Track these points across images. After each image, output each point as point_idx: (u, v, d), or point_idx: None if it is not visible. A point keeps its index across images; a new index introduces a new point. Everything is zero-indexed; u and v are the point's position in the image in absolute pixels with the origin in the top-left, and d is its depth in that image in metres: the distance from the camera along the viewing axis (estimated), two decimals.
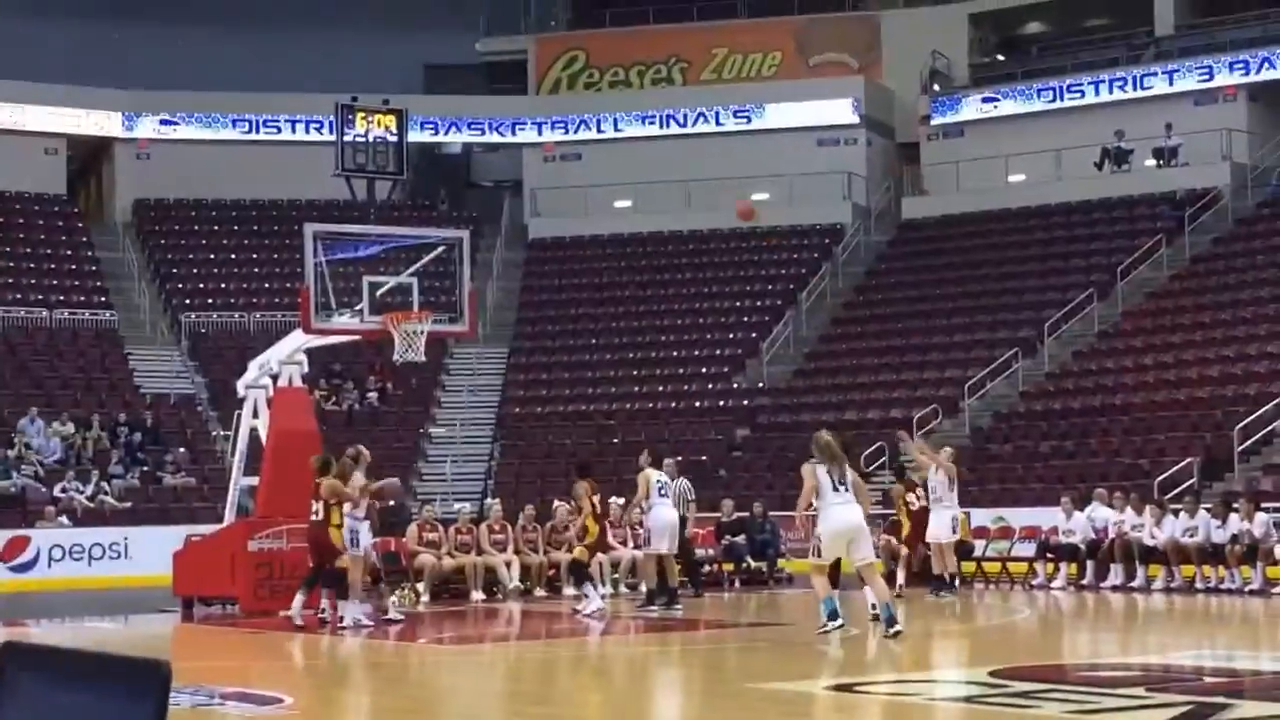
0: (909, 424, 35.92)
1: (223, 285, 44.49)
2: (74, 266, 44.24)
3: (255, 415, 23.70)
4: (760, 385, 41.28)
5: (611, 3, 51.94)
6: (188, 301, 43.43)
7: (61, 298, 42.04)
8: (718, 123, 47.97)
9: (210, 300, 43.72)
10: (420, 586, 23.68)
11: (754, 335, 42.95)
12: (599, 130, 48.77)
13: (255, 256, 45.71)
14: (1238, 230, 40.58)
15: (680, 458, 27.44)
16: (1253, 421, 30.97)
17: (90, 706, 2.43)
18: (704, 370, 42.01)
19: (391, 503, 23.48)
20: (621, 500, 27.10)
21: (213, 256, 45.65)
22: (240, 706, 11.73)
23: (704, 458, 36.09)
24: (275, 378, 23.27)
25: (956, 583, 23.63)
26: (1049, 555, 25.58)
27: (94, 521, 31.97)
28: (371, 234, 23.17)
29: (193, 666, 15.58)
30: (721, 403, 40.56)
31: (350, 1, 50.17)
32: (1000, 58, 50.01)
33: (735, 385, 41.44)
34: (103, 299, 42.68)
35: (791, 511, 27.29)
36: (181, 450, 35.97)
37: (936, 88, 47.76)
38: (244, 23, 49.00)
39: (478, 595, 23.88)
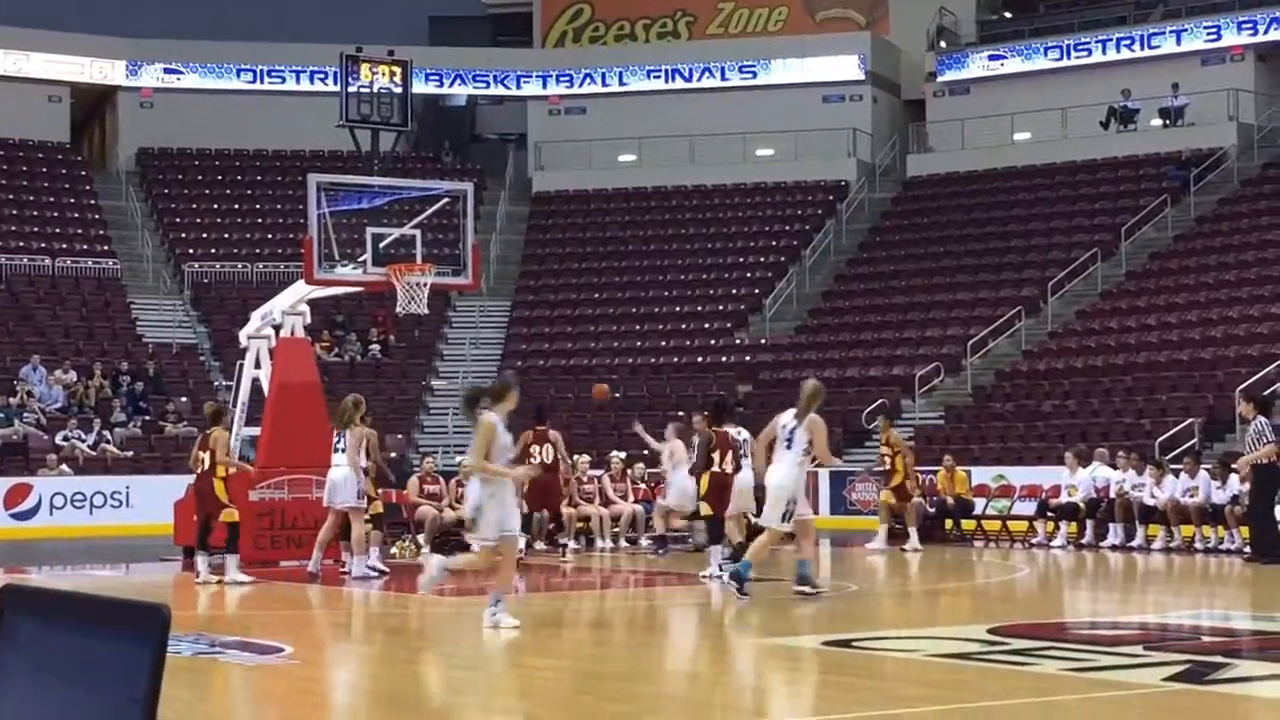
0: (911, 381, 35.97)
1: (226, 235, 44.47)
2: (77, 215, 44.22)
3: (257, 365, 23.69)
4: (763, 341, 41.29)
5: None
6: (190, 251, 43.41)
7: (64, 246, 42.01)
8: (723, 78, 47.85)
9: (213, 250, 43.70)
10: (421, 538, 23.73)
11: (757, 291, 42.93)
12: (604, 84, 48.66)
13: (258, 207, 45.68)
14: (1243, 191, 40.51)
15: (681, 413, 27.46)
16: (1255, 382, 30.93)
17: (89, 649, 2.44)
18: (707, 325, 42.00)
19: (394, 455, 23.52)
20: (624, 454, 27.13)
21: (216, 206, 45.62)
22: (240, 655, 11.77)
23: (705, 413, 36.03)
24: (278, 328, 23.26)
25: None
26: (1049, 514, 25.62)
27: (96, 470, 32.03)
28: (375, 185, 23.13)
29: (193, 615, 15.64)
30: (724, 358, 40.56)
31: None
32: (1007, 15, 49.82)
33: (738, 341, 41.44)
34: (106, 247, 42.66)
35: None
36: (183, 399, 36.00)
37: (943, 45, 47.61)
38: None
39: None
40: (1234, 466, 23.31)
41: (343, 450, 18.97)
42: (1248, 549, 22.03)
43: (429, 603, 17.58)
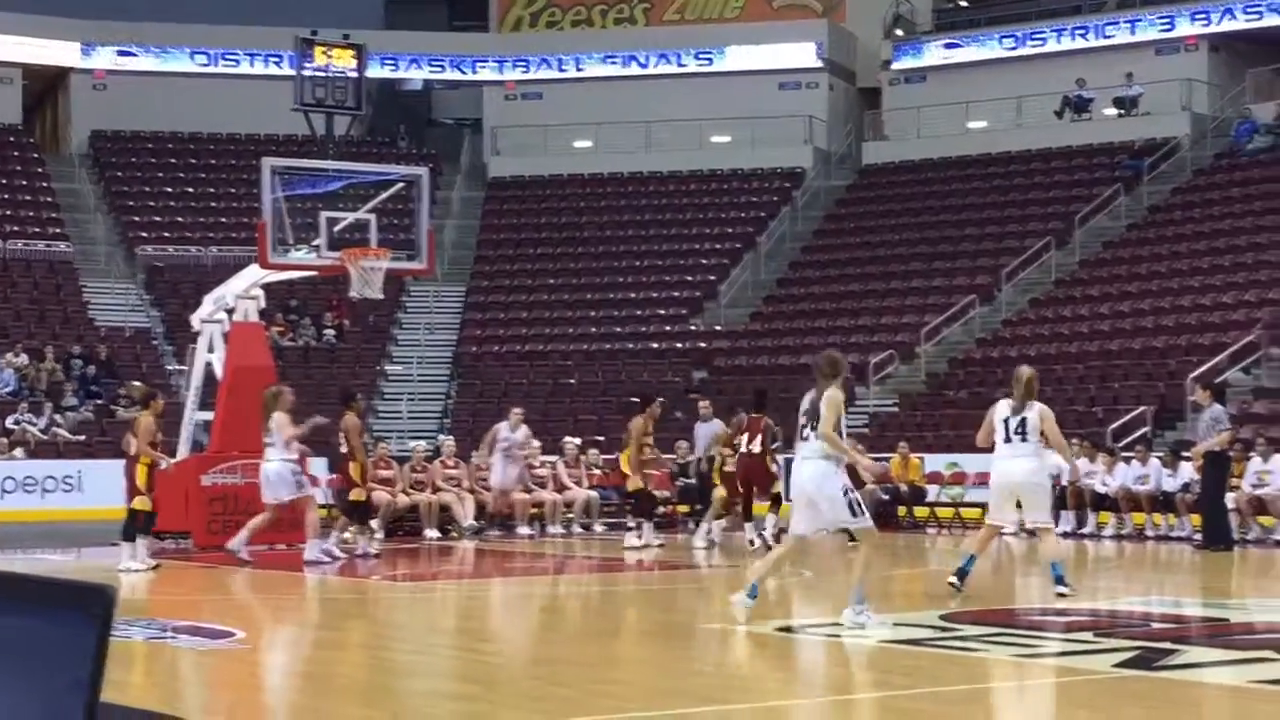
0: (865, 369, 36.04)
1: (179, 219, 44.23)
2: (29, 197, 43.89)
3: (211, 350, 23.59)
4: (718, 327, 41.32)
5: None
6: (144, 234, 43.17)
7: (16, 228, 41.71)
8: (679, 64, 47.85)
9: (166, 233, 43.46)
10: (374, 524, 23.67)
11: (712, 278, 42.96)
12: (560, 69, 48.59)
13: (212, 190, 45.42)
14: (1196, 181, 40.72)
15: (635, 399, 27.44)
16: (1207, 371, 31.11)
17: (34, 629, 2.42)
18: (661, 312, 42.01)
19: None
20: (579, 440, 27.13)
21: (170, 190, 45.36)
22: (192, 640, 11.73)
23: (660, 399, 36.07)
24: (231, 312, 23.17)
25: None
26: None
27: (47, 454, 31.84)
28: (330, 169, 23.09)
29: (145, 600, 15.57)
30: (679, 344, 40.59)
31: None
32: (963, 4, 49.97)
33: (693, 327, 41.47)
34: (58, 230, 42.38)
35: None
36: (136, 384, 35.77)
37: (899, 33, 47.70)
38: None
39: (431, 533, 23.90)
40: (1187, 454, 23.45)
41: (270, 444, 19.00)
42: (1198, 536, 22.17)
43: (382, 588, 17.57)
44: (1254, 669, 9.97)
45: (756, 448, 19.99)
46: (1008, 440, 14.20)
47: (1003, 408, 14.42)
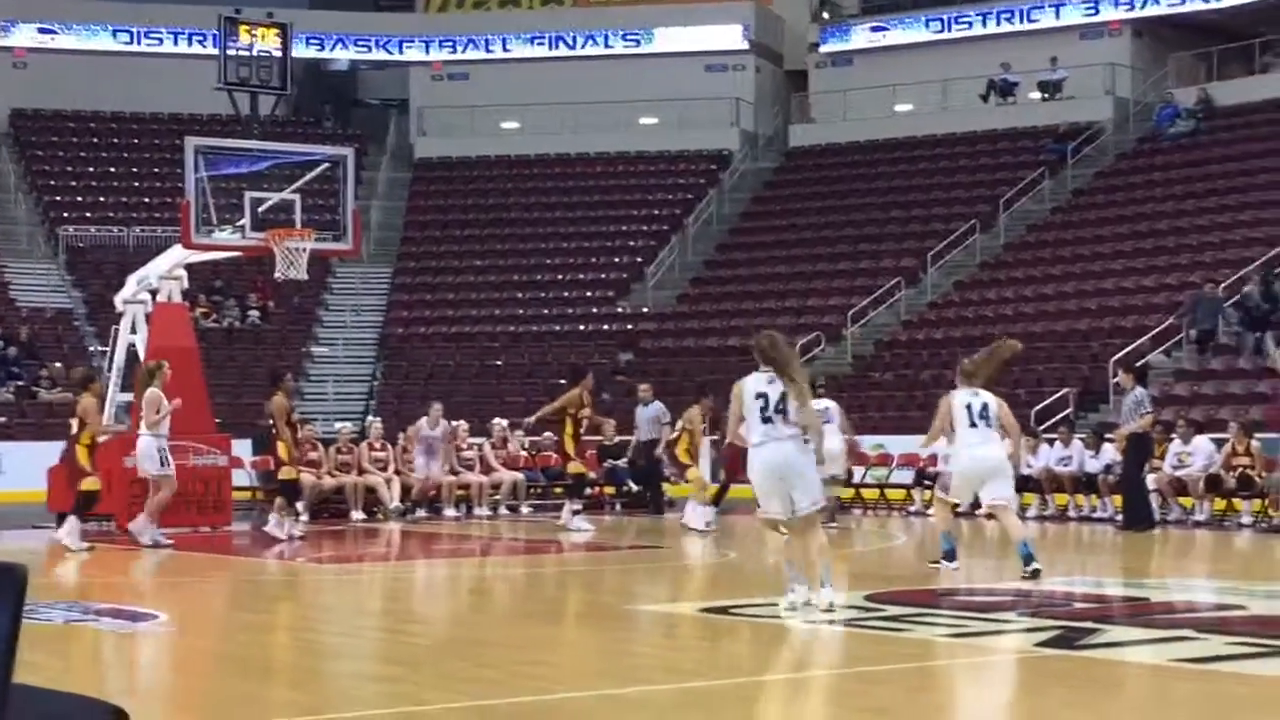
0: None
1: (102, 199, 43.81)
2: None
3: (133, 331, 23.40)
4: (645, 310, 41.33)
5: None
6: (65, 215, 42.74)
7: None
8: (607, 45, 47.78)
9: (89, 214, 43.04)
10: (299, 506, 23.57)
11: (639, 260, 42.96)
12: (487, 50, 48.43)
13: (135, 170, 45.04)
14: (1119, 165, 41.04)
15: (563, 380, 27.42)
16: (1129, 354, 31.36)
17: None
18: (588, 294, 41.97)
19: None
20: (505, 422, 27.07)
21: (92, 169, 44.94)
22: (114, 623, 11.63)
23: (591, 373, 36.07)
24: (154, 293, 23.00)
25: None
26: (926, 483, 25.84)
27: None
28: (254, 149, 22.89)
29: (67, 583, 15.44)
30: (605, 326, 40.57)
31: None
32: None
33: (620, 309, 41.46)
34: None
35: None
36: (58, 365, 35.46)
37: (826, 16, 47.82)
38: None
39: (358, 515, 23.82)
40: (1110, 436, 23.64)
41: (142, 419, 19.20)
42: (1120, 517, 22.36)
43: (308, 570, 17.49)
44: (1174, 648, 10.06)
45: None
46: (973, 425, 14.37)
47: (962, 395, 14.55)
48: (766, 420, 11.63)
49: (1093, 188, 40.55)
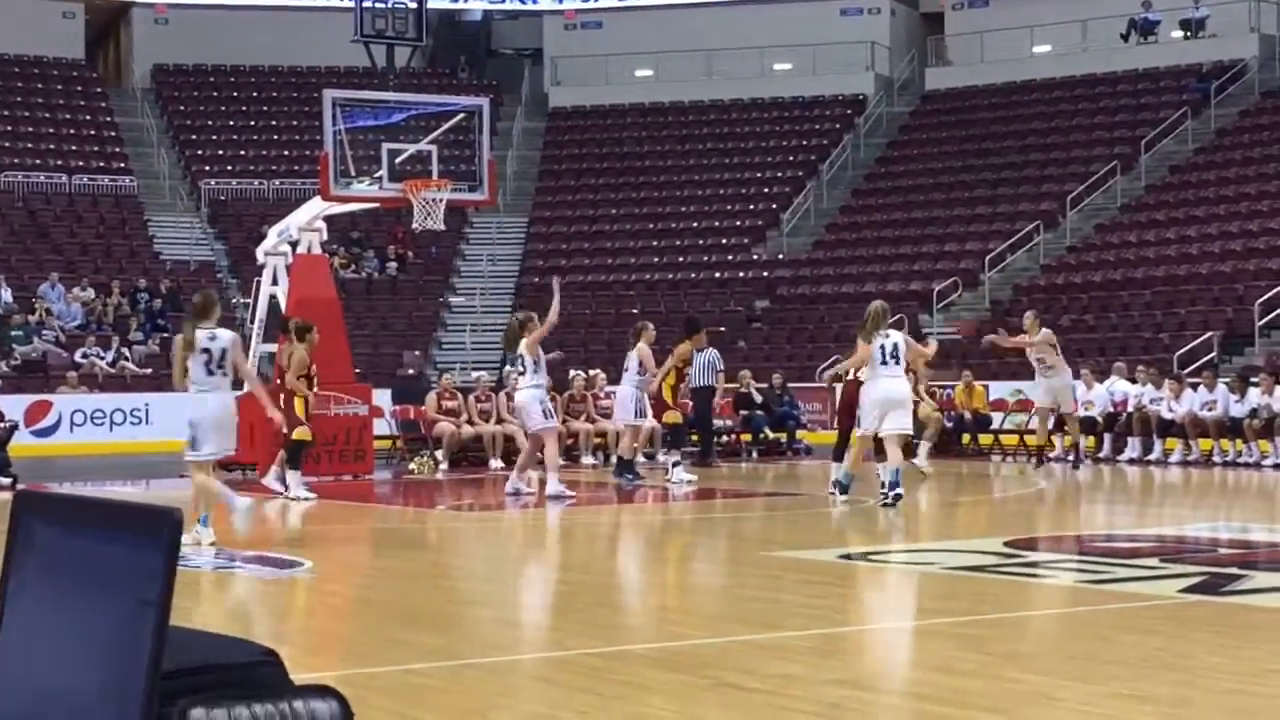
0: (929, 296, 35.89)
1: (242, 152, 44.39)
2: (93, 132, 44.14)
3: (275, 282, 23.67)
4: (780, 256, 41.20)
5: None
6: (207, 168, 43.37)
7: (81, 163, 41.97)
8: None
9: (229, 167, 43.64)
10: (439, 454, 23.83)
11: (774, 206, 42.81)
12: None
13: (274, 123, 45.57)
14: (1264, 103, 40.21)
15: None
16: (1273, 296, 30.87)
17: (101, 551, 2.45)
18: (723, 241, 41.91)
19: (411, 371, 23.56)
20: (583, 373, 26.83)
21: (232, 123, 45.52)
22: (260, 570, 11.84)
23: (723, 329, 36.06)
24: (295, 244, 23.24)
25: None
26: (1066, 429, 25.58)
27: (115, 387, 32.11)
28: (390, 101, 23.08)
29: (216, 531, 15.70)
30: (741, 274, 40.50)
31: None
32: None
33: (755, 256, 41.36)
34: (122, 165, 42.62)
35: (810, 383, 27.39)
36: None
37: None
38: None
39: (496, 463, 24.00)
40: (1255, 380, 23.28)
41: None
42: (1266, 461, 22.02)
43: (448, 518, 17.69)
44: None
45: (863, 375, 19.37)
46: (884, 363, 16.42)
47: (877, 337, 16.52)
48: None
49: (1237, 127, 39.79)
